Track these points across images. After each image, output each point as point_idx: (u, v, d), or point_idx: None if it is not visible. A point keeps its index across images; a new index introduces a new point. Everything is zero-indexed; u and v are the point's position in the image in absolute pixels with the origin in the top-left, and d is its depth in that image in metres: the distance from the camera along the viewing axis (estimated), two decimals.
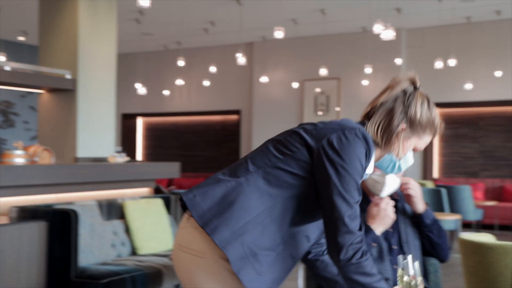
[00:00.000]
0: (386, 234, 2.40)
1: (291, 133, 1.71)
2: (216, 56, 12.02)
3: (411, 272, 1.74)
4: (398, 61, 10.20)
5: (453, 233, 7.60)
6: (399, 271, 1.76)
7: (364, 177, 1.74)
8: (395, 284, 2.37)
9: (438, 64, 9.42)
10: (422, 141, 1.79)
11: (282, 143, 1.69)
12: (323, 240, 1.92)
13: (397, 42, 10.43)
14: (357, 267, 1.62)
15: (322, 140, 1.63)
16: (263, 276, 1.61)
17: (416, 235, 2.51)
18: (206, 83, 11.74)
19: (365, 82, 10.64)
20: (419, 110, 1.74)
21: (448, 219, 7.39)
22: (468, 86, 10.00)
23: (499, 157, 10.37)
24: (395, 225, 2.44)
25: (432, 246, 2.51)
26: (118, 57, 6.63)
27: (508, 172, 10.29)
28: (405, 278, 1.75)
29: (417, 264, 1.76)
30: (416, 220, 2.49)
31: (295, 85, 11.32)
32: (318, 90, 11.33)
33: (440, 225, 2.51)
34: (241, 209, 1.61)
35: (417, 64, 10.65)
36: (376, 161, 1.79)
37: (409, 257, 1.75)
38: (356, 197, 1.63)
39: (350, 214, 1.61)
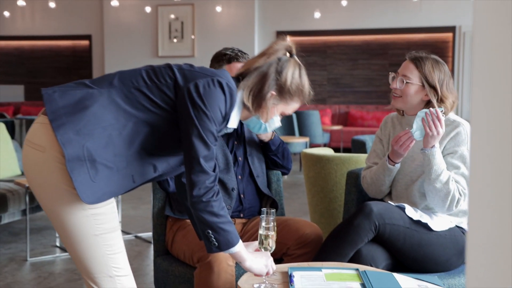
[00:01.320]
0: (232, 147, 2.49)
1: (166, 66, 1.76)
2: None
3: (265, 224, 1.89)
4: None
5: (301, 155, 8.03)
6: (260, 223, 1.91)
7: (228, 130, 1.85)
8: (240, 192, 2.49)
9: None
10: (289, 107, 1.86)
11: (154, 71, 1.74)
12: None
13: None
14: (205, 205, 1.71)
15: (190, 82, 1.69)
16: (96, 184, 1.63)
17: (261, 149, 2.61)
18: (52, 4, 11.00)
19: (218, 9, 10.59)
20: (290, 77, 1.80)
21: (297, 142, 7.84)
22: (317, 14, 10.35)
23: (345, 85, 10.99)
24: (242, 139, 2.53)
25: (276, 166, 2.64)
26: None
27: (353, 99, 10.98)
28: (261, 231, 1.90)
29: (273, 219, 1.90)
30: (262, 145, 2.58)
31: (148, 9, 10.98)
32: (172, 16, 11.10)
33: (284, 147, 2.61)
34: (93, 116, 1.64)
35: None
36: (243, 119, 1.87)
37: (272, 212, 1.89)
38: (213, 141, 1.71)
39: (206, 155, 1.70)
